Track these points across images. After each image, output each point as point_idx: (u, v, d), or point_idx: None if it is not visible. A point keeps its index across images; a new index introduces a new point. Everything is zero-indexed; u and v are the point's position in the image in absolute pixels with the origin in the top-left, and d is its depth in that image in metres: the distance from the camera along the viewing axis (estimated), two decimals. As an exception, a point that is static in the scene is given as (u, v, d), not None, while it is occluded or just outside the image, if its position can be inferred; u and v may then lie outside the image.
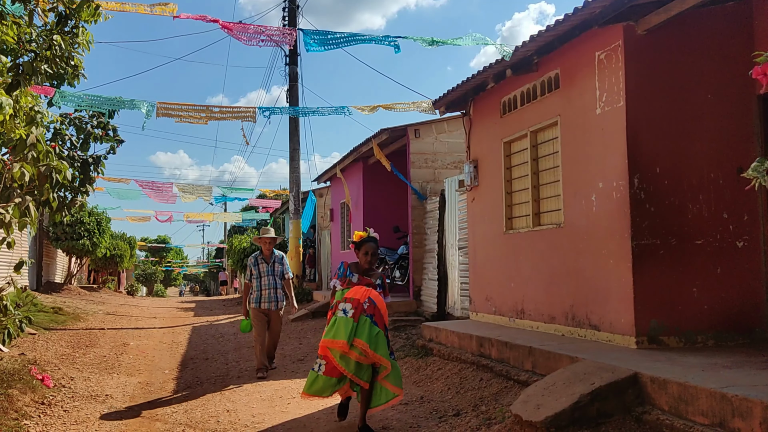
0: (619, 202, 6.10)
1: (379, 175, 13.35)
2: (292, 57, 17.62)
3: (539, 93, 7.57)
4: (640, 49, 6.06)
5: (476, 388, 6.43)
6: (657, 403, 4.47)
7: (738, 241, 6.13)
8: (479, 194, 9.14)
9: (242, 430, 5.79)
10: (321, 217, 21.04)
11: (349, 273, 5.41)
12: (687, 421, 4.12)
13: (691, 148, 6.10)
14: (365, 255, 5.42)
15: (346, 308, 5.16)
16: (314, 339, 11.22)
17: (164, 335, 13.19)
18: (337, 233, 18.18)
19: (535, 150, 7.75)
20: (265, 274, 8.37)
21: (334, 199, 18.60)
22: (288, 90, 17.61)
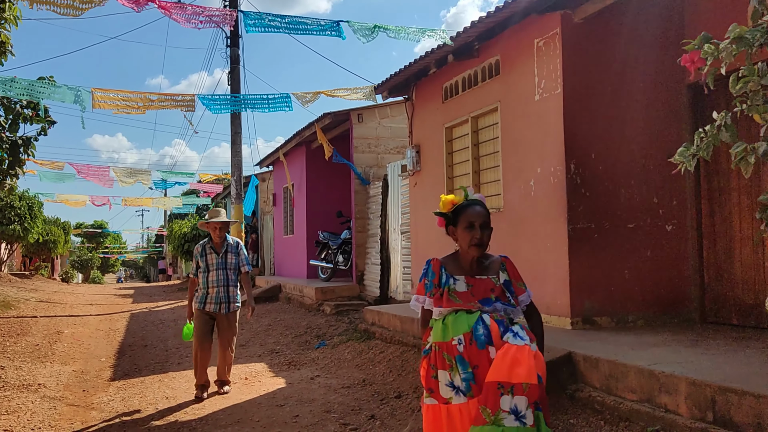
0: (557, 186, 6.25)
1: (323, 159, 13.26)
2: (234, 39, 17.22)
3: (480, 79, 7.66)
4: (576, 37, 6.20)
5: (417, 370, 6.51)
6: (589, 380, 4.63)
7: (667, 225, 6.38)
8: (421, 179, 9.21)
9: (182, 416, 5.71)
10: (264, 202, 20.80)
11: (446, 278, 2.98)
12: (617, 398, 4.29)
13: (624, 134, 6.29)
14: (470, 230, 2.95)
15: (484, 409, 2.71)
16: (256, 324, 11.13)
17: (101, 322, 12.83)
18: (279, 218, 18.02)
19: (476, 135, 7.85)
20: (215, 268, 6.50)
21: (276, 184, 18.41)
22: (229, 73, 17.22)
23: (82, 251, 49.48)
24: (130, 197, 27.55)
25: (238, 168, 17.52)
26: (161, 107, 10.31)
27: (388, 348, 7.59)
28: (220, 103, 11.17)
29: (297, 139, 14.57)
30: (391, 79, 8.98)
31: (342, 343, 8.56)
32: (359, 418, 5.36)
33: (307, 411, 5.65)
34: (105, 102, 9.65)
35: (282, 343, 9.31)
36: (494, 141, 7.44)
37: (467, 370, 2.84)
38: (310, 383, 6.71)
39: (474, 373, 2.83)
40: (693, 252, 6.38)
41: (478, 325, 2.89)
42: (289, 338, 9.64)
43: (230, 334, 6.58)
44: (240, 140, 17.52)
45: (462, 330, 2.89)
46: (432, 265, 3.09)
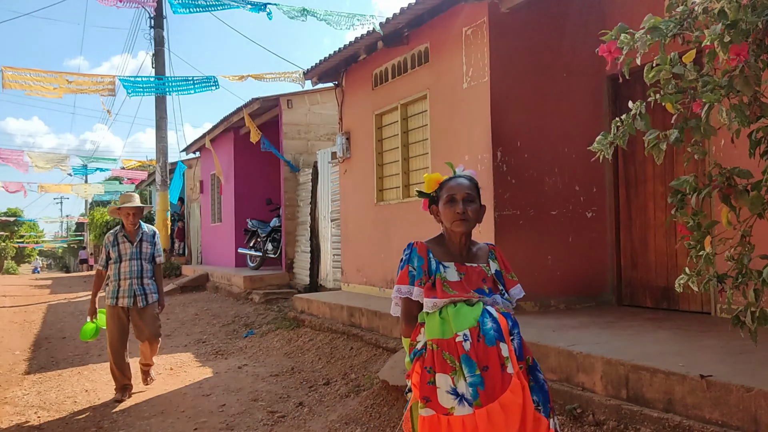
0: (483, 174, 6.35)
1: (252, 146, 13.00)
2: (158, 20, 16.65)
3: (410, 66, 7.68)
4: (503, 27, 6.30)
5: (346, 357, 6.53)
6: (513, 362, 4.75)
7: (588, 212, 6.61)
8: (351, 166, 9.19)
9: (102, 410, 5.51)
10: (190, 189, 20.27)
11: (436, 265, 2.56)
12: (539, 378, 4.42)
13: (548, 123, 6.45)
14: (451, 204, 2.57)
15: None
16: (182, 314, 10.87)
17: (15, 314, 12.20)
18: (207, 206, 17.61)
19: (405, 123, 7.88)
20: (128, 258, 5.93)
21: (204, 171, 17.96)
22: (154, 55, 16.65)
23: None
24: (48, 183, 26.28)
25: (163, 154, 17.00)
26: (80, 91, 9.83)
27: (318, 336, 7.57)
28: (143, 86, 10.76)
29: (225, 125, 14.24)
30: (321, 64, 8.90)
31: (271, 331, 8.47)
32: (287, 405, 5.33)
33: (234, 400, 5.56)
34: (16, 82, 9.12)
35: (209, 333, 9.13)
36: (423, 128, 7.50)
37: (475, 372, 2.34)
38: (238, 372, 6.62)
39: (483, 377, 2.33)
40: (611, 238, 6.64)
41: (485, 317, 2.42)
42: (216, 327, 9.46)
43: (153, 327, 5.98)
44: (165, 125, 17.00)
45: (467, 324, 2.41)
46: (417, 248, 2.58)
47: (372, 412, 4.73)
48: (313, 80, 9.48)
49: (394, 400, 4.78)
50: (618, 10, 6.29)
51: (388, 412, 4.65)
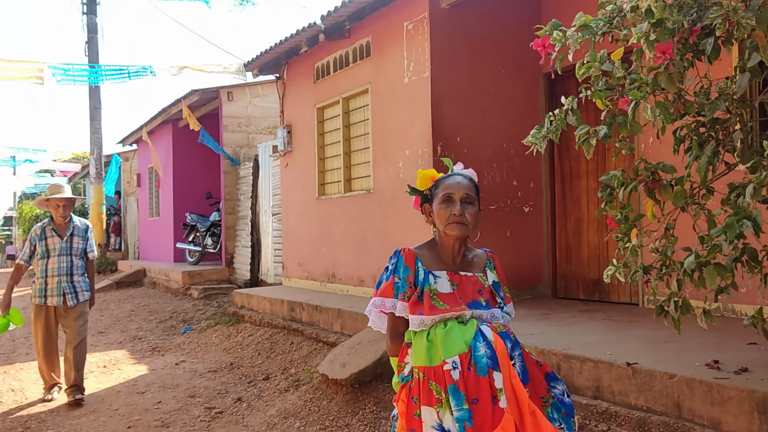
0: (424, 168, 6.39)
1: (191, 138, 12.72)
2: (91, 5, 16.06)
3: (351, 60, 7.67)
4: (444, 22, 6.36)
5: (287, 351, 6.48)
6: (451, 354, 4.82)
7: (525, 207, 6.75)
8: (293, 160, 9.11)
9: (29, 409, 5.30)
10: (127, 183, 19.69)
11: (424, 275, 2.23)
12: (476, 369, 4.50)
13: (487, 119, 6.56)
14: (447, 205, 2.25)
15: None
16: (118, 310, 10.56)
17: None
18: (144, 199, 17.14)
19: (347, 117, 7.87)
20: (57, 253, 5.51)
21: (141, 163, 17.47)
22: (87, 42, 16.06)
23: None
24: (-27, 176, 25.01)
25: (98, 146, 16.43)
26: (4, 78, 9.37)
27: (258, 331, 7.48)
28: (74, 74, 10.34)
29: (163, 117, 13.88)
30: (261, 56, 8.77)
31: (210, 327, 8.33)
32: (225, 401, 5.25)
33: (171, 397, 5.44)
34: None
35: (145, 329, 8.90)
36: (365, 122, 7.50)
37: (462, 406, 2.01)
38: (175, 369, 6.48)
39: (471, 411, 2.01)
40: (547, 232, 6.80)
41: (477, 341, 2.08)
42: (153, 324, 9.23)
43: (79, 328, 5.57)
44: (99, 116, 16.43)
45: (457, 349, 2.07)
46: (404, 256, 2.25)
47: (311, 406, 4.71)
48: (254, 72, 9.34)
49: (333, 394, 4.77)
50: (555, 8, 6.43)
51: (327, 406, 4.65)
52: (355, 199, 7.62)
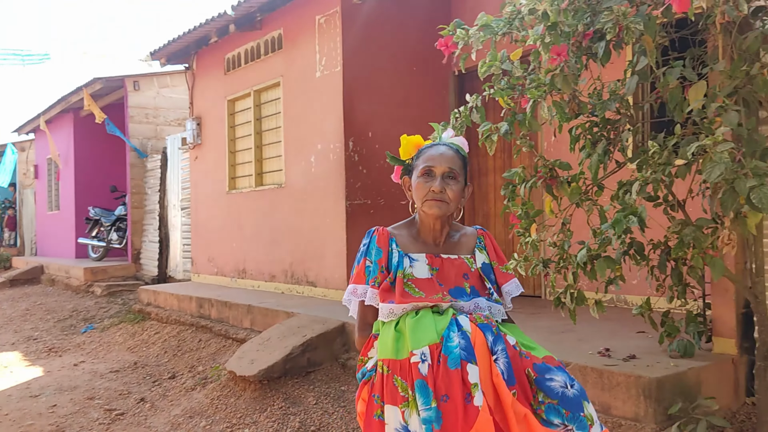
0: (336, 163, 6.40)
1: (94, 129, 12.11)
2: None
3: (263, 52, 7.54)
4: (356, 17, 6.36)
5: (194, 349, 6.32)
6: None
7: (435, 202, 6.86)
8: (202, 153, 8.87)
9: None
10: (23, 174, 18.55)
11: (399, 258, 1.99)
12: (385, 363, 4.55)
13: (399, 115, 6.61)
14: (426, 179, 1.97)
15: None
16: (11, 309, 9.95)
17: None
18: (43, 192, 16.20)
19: (258, 110, 7.74)
20: None
21: (39, 154, 16.50)
22: (-22, 23, 14.97)
23: None
24: None
25: (-9, 135, 15.40)
26: None
27: (164, 328, 7.25)
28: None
29: (62, 105, 13.15)
30: (169, 45, 8.47)
31: (113, 325, 7.99)
32: (127, 402, 5.06)
33: (68, 399, 5.19)
34: None
35: (42, 329, 8.43)
36: (277, 116, 7.40)
37: (430, 404, 1.72)
38: (73, 370, 6.17)
39: (440, 410, 1.72)
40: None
41: (451, 331, 1.80)
42: (50, 323, 8.75)
43: None
44: (-7, 103, 15.38)
45: (427, 339, 1.79)
46: (376, 237, 1.99)
47: (218, 404, 4.61)
48: (162, 61, 9.01)
49: (241, 391, 4.69)
50: (464, 6, 6.56)
51: (234, 403, 4.56)
52: (267, 194, 7.52)
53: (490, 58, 2.82)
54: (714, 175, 2.29)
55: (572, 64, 2.68)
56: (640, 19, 2.31)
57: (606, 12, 2.35)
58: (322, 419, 4.14)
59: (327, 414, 4.21)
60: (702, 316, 3.73)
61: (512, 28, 2.77)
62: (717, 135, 2.31)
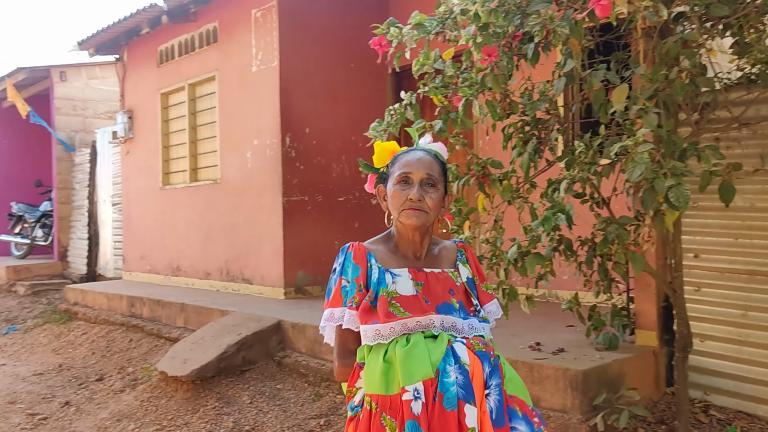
0: (272, 159, 6.32)
1: (16, 120, 11.56)
2: None
3: (198, 45, 7.37)
4: (293, 12, 6.30)
5: (125, 349, 6.14)
6: (296, 346, 4.82)
7: (372, 199, 6.88)
8: (135, 147, 8.61)
9: None
10: (-59, 168, 17.55)
11: (379, 274, 1.76)
12: (321, 360, 4.54)
13: (336, 111, 6.59)
14: (403, 187, 1.76)
15: None
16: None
17: None
18: (-38, 187, 15.38)
19: (193, 104, 7.57)
20: None
21: (-42, 147, 15.64)
22: None
23: None
24: None
25: None
26: None
27: (93, 329, 7.01)
28: None
29: (-16, 96, 12.50)
30: (98, 34, 8.17)
31: (37, 326, 7.67)
32: (51, 406, 4.87)
33: (-13, 405, 4.95)
34: None
35: (-40, 331, 8.00)
36: (212, 110, 7.25)
37: None
38: (-6, 374, 5.89)
39: None
40: (394, 224, 6.98)
41: (447, 363, 1.62)
42: (-31, 325, 8.32)
43: None
44: None
45: (420, 373, 1.60)
46: (352, 253, 1.78)
47: (148, 406, 4.49)
48: (90, 51, 8.67)
49: (173, 392, 4.58)
50: (401, 2, 6.59)
51: (165, 405, 4.45)
52: (202, 190, 7.36)
53: (423, 57, 2.85)
54: (635, 175, 2.38)
55: (503, 65, 2.73)
56: (565, 23, 2.38)
57: (534, 15, 2.40)
58: (256, 418, 4.10)
59: (262, 413, 4.16)
60: (626, 310, 3.88)
61: (445, 28, 2.80)
62: (638, 136, 2.40)
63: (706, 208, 3.48)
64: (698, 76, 2.75)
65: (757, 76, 2.94)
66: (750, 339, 3.40)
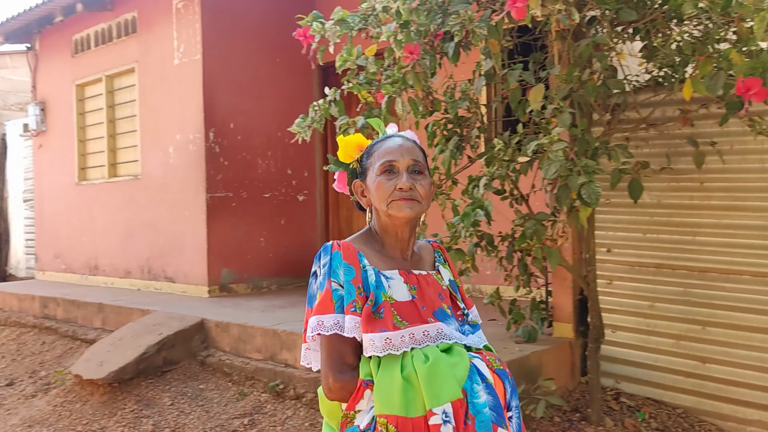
0: (195, 155, 6.17)
1: None
2: None
3: (116, 35, 7.10)
4: (217, 4, 6.16)
5: (37, 353, 5.85)
6: (220, 345, 4.73)
7: (299, 195, 6.83)
8: (48, 141, 8.21)
9: None
10: None
11: (376, 277, 1.55)
12: (245, 359, 4.47)
13: (262, 106, 6.50)
14: (388, 176, 1.58)
15: None
16: None
17: None
18: None
19: (111, 96, 7.29)
20: None
21: None
22: None
23: None
24: None
25: None
26: None
27: (2, 332, 6.65)
28: None
29: None
30: (7, 22, 7.73)
31: (-61, 331, 7.20)
32: (-46, 415, 4.59)
33: None
34: None
35: None
36: (132, 104, 7.01)
37: None
38: None
39: None
40: (321, 220, 6.97)
41: (473, 382, 1.46)
42: None
43: None
44: None
45: (448, 394, 1.42)
46: (341, 252, 1.55)
47: (62, 411, 4.30)
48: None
49: (88, 396, 4.41)
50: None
51: (80, 409, 4.28)
52: (121, 185, 7.11)
53: (346, 53, 2.85)
54: (550, 172, 2.46)
55: (424, 63, 2.76)
56: (484, 24, 2.43)
57: (454, 15, 2.44)
58: (177, 420, 4.00)
59: (183, 414, 4.07)
60: (545, 304, 4.01)
61: (368, 24, 2.81)
62: (553, 135, 2.48)
63: (618, 205, 3.64)
64: (609, 78, 2.87)
65: (663, 78, 3.10)
66: (657, 329, 3.58)
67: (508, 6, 2.21)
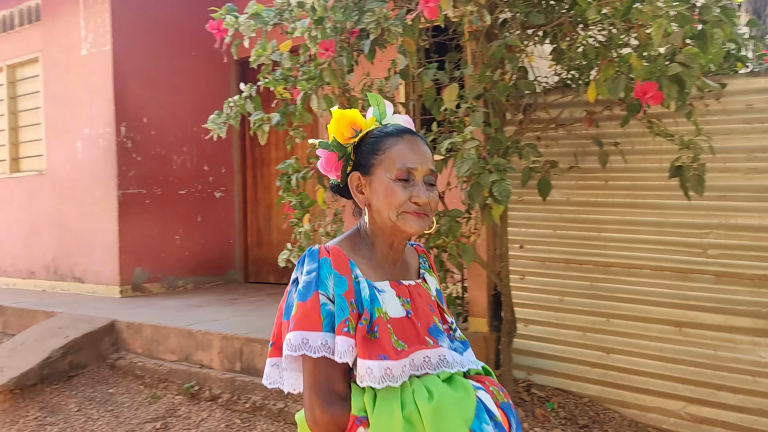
0: (106, 150, 5.92)
1: None
2: None
3: (18, 23, 6.71)
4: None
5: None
6: (132, 347, 4.57)
7: (216, 192, 6.68)
8: (-58, 133, 7.67)
9: None
10: None
11: (370, 291, 1.35)
12: (158, 360, 4.34)
13: (177, 101, 6.30)
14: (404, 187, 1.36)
15: None
16: None
17: None
18: None
19: (13, 87, 6.89)
20: None
21: None
22: None
23: None
24: None
25: None
26: None
27: None
28: None
29: None
30: None
31: None
32: None
33: None
34: None
35: None
36: (36, 95, 6.65)
37: None
38: None
39: None
40: (239, 218, 6.83)
41: (482, 421, 1.30)
42: None
43: None
44: None
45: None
46: (331, 260, 1.35)
47: (-43, 422, 4.04)
48: None
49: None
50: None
51: (-22, 419, 4.03)
52: (24, 181, 6.73)
53: (261, 47, 2.80)
54: (463, 170, 2.51)
55: (341, 60, 2.76)
56: (398, 23, 2.45)
57: (369, 13, 2.45)
58: (84, 426, 3.83)
59: (91, 420, 3.90)
60: (461, 299, 4.10)
61: (283, 20, 2.78)
62: (466, 133, 2.53)
63: (530, 202, 3.76)
64: (520, 79, 2.96)
65: (571, 81, 3.23)
66: (565, 322, 3.73)
67: (420, 6, 2.23)
